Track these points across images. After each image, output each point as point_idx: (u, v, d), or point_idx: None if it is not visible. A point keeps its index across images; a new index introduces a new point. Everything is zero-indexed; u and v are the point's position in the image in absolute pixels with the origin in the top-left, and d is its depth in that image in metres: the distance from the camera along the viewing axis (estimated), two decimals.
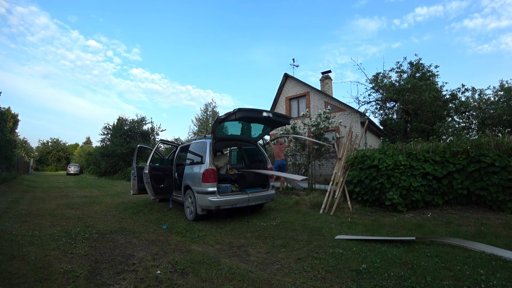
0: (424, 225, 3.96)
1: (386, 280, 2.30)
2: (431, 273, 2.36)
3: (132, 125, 20.80)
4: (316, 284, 2.30)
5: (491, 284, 2.14)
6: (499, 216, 4.01)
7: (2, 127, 10.94)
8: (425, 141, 5.59)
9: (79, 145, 53.75)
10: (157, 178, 5.93)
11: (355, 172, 5.56)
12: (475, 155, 4.46)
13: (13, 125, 31.12)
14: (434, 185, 4.71)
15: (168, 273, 2.57)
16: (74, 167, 29.77)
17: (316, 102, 14.02)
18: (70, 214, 5.65)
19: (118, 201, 7.57)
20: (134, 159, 6.96)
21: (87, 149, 38.32)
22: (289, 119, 5.20)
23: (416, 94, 10.00)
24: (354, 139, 6.66)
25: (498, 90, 11.37)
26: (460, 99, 11.99)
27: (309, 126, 11.04)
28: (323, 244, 3.36)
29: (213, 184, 4.60)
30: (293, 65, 16.21)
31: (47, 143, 50.32)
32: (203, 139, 5.31)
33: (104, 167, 20.58)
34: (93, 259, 2.96)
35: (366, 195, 5.30)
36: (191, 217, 4.94)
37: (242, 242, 3.62)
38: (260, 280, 2.39)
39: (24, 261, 2.86)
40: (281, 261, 2.88)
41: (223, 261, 2.87)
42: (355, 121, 11.80)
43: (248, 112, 4.31)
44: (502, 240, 3.15)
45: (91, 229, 4.26)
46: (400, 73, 11.43)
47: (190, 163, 5.38)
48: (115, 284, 2.37)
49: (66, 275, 2.53)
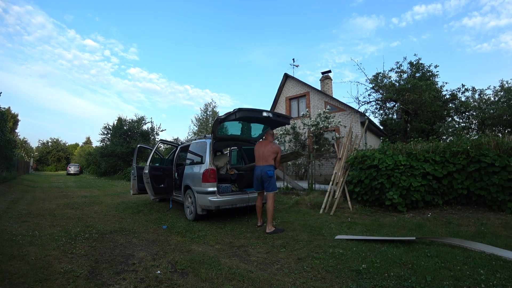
0: (424, 225, 3.96)
1: (386, 280, 2.30)
2: (431, 273, 2.36)
3: (131, 125, 20.82)
4: (316, 284, 2.30)
5: (491, 284, 2.14)
6: (499, 216, 4.01)
7: (2, 127, 10.94)
8: (425, 141, 5.59)
9: (79, 145, 53.79)
10: (157, 178, 5.93)
11: (355, 172, 5.56)
12: (475, 155, 4.46)
13: (13, 125, 31.13)
14: (434, 185, 4.71)
15: (168, 273, 2.57)
16: (74, 167, 29.80)
17: (316, 102, 14.03)
18: (70, 214, 5.65)
19: (118, 201, 7.57)
20: (134, 159, 6.96)
21: (87, 149, 38.35)
22: (289, 119, 5.19)
23: (416, 94, 10.00)
24: (354, 139, 6.66)
25: (498, 90, 11.38)
26: (460, 99, 12.00)
27: (309, 126, 11.07)
28: (323, 244, 3.36)
29: (213, 184, 4.60)
30: (293, 65, 16.23)
31: (47, 143, 50.34)
32: (203, 139, 5.31)
33: (104, 167, 20.59)
34: (93, 259, 2.96)
35: (366, 195, 5.30)
36: (191, 217, 4.94)
37: (242, 242, 3.62)
38: (260, 280, 2.39)
39: (24, 261, 2.86)
40: (281, 261, 2.88)
41: (223, 261, 2.87)
42: (355, 121, 11.81)
43: (248, 112, 4.31)
44: (502, 240, 3.15)
45: (91, 229, 4.26)
46: (400, 73, 11.43)
47: (190, 163, 5.38)
48: (115, 284, 2.37)
49: (66, 275, 2.53)
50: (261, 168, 4.21)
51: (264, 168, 4.18)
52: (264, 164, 4.22)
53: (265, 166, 4.20)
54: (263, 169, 4.18)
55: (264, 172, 4.15)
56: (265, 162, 4.22)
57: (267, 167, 4.18)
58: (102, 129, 21.85)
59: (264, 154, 4.24)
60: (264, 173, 4.15)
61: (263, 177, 4.17)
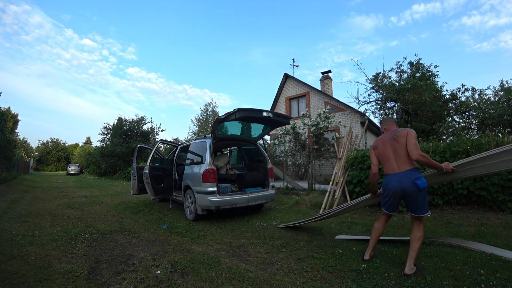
0: (424, 225, 3.95)
1: (386, 280, 2.30)
2: (431, 273, 2.36)
3: (131, 125, 20.81)
4: (316, 284, 2.30)
5: (491, 284, 2.14)
6: (499, 216, 4.01)
7: (2, 127, 10.94)
8: (425, 141, 5.59)
9: (79, 145, 53.75)
10: (157, 178, 5.93)
11: (355, 172, 5.56)
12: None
13: (13, 125, 31.10)
14: (434, 185, 4.71)
15: (168, 273, 2.57)
16: (74, 167, 29.79)
17: (316, 102, 14.03)
18: (70, 214, 5.65)
19: (118, 201, 7.57)
20: (134, 159, 6.96)
21: (87, 149, 38.32)
22: (289, 119, 5.20)
23: (416, 94, 10.01)
24: (354, 139, 6.66)
25: (498, 90, 11.37)
26: (460, 99, 12.00)
27: (309, 126, 11.07)
28: (323, 244, 3.36)
29: (213, 184, 4.60)
30: (293, 65, 16.24)
31: (47, 143, 50.32)
32: (203, 139, 5.31)
33: (104, 167, 20.58)
34: (93, 259, 2.96)
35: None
36: (191, 217, 4.94)
37: (242, 242, 3.62)
38: (260, 280, 2.39)
39: (24, 261, 2.86)
40: (281, 261, 2.88)
41: (223, 261, 2.87)
42: (355, 121, 11.81)
43: (248, 112, 4.31)
44: (502, 240, 3.14)
45: (91, 229, 4.26)
46: (400, 73, 11.44)
47: (190, 163, 5.38)
48: (115, 284, 2.37)
49: (66, 275, 2.53)
50: (402, 175, 2.45)
51: (410, 176, 2.41)
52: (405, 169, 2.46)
53: (407, 172, 2.44)
54: (409, 177, 2.41)
55: (411, 183, 2.39)
56: (404, 164, 2.47)
57: (413, 173, 2.42)
58: (102, 129, 21.86)
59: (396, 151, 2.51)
60: (411, 184, 2.38)
61: (408, 191, 2.41)
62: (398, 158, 2.51)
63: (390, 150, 2.56)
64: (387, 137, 2.65)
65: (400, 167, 2.48)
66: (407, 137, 2.46)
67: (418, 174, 2.42)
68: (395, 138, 2.54)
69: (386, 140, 2.63)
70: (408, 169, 2.44)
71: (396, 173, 2.50)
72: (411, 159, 2.43)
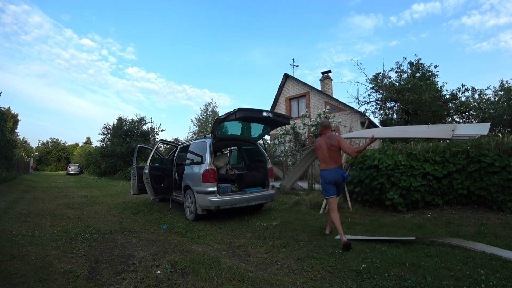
0: (424, 225, 3.96)
1: (386, 280, 2.30)
2: (431, 273, 2.36)
3: (132, 125, 20.81)
4: (316, 284, 2.30)
5: (491, 284, 2.14)
6: (499, 216, 4.01)
7: (2, 127, 10.94)
8: (425, 141, 5.59)
9: (79, 145, 53.74)
10: (157, 178, 5.93)
11: (355, 172, 5.56)
12: (475, 155, 4.46)
13: (13, 125, 31.10)
14: (434, 185, 4.71)
15: (168, 273, 2.57)
16: (74, 167, 29.79)
17: (316, 102, 14.03)
18: (70, 214, 5.65)
19: (118, 201, 7.57)
20: (134, 159, 6.96)
21: (87, 149, 38.31)
22: (289, 119, 5.20)
23: (416, 94, 10.00)
24: (354, 139, 6.66)
25: (498, 90, 11.39)
26: (460, 99, 12.00)
27: (309, 126, 11.07)
28: (323, 244, 3.36)
29: (213, 184, 4.60)
30: (293, 65, 16.24)
31: (47, 143, 50.31)
32: (203, 139, 5.31)
33: (104, 167, 20.57)
34: (93, 259, 2.96)
35: (366, 195, 5.30)
36: (191, 217, 4.94)
37: (242, 242, 3.62)
38: (260, 280, 2.39)
39: (24, 261, 2.86)
40: (281, 261, 2.88)
41: (223, 261, 2.87)
42: (355, 121, 11.81)
43: (248, 112, 4.31)
44: (502, 240, 3.14)
45: (91, 229, 4.26)
46: (400, 73, 11.43)
47: (190, 163, 5.38)
48: (115, 284, 2.37)
49: (66, 275, 2.53)
50: (334, 171, 3.48)
51: (340, 171, 3.50)
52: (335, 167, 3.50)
53: (338, 169, 3.51)
54: (339, 172, 3.48)
55: (340, 176, 3.48)
56: (335, 163, 3.50)
57: (341, 170, 3.53)
58: (102, 129, 21.85)
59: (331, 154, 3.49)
60: (340, 177, 3.48)
61: (339, 181, 3.50)
62: (331, 159, 3.48)
63: (327, 153, 3.48)
64: (324, 142, 3.53)
65: (332, 166, 3.48)
66: (340, 144, 3.40)
67: (343, 170, 3.54)
68: (330, 145, 3.44)
69: (324, 145, 3.52)
70: (337, 167, 3.49)
71: (330, 169, 3.48)
72: (340, 159, 3.52)
